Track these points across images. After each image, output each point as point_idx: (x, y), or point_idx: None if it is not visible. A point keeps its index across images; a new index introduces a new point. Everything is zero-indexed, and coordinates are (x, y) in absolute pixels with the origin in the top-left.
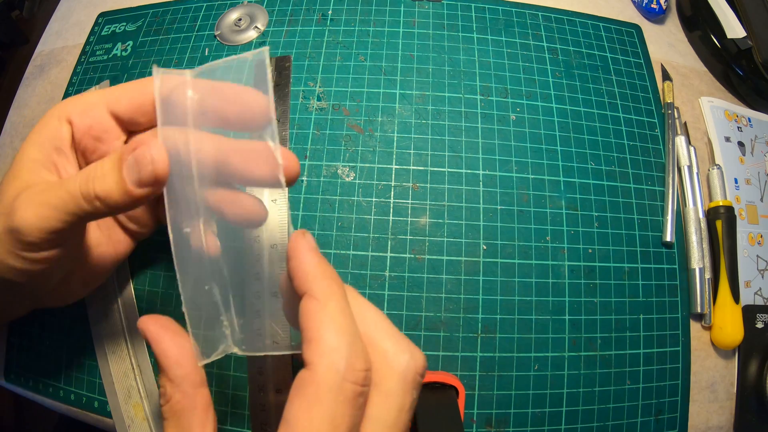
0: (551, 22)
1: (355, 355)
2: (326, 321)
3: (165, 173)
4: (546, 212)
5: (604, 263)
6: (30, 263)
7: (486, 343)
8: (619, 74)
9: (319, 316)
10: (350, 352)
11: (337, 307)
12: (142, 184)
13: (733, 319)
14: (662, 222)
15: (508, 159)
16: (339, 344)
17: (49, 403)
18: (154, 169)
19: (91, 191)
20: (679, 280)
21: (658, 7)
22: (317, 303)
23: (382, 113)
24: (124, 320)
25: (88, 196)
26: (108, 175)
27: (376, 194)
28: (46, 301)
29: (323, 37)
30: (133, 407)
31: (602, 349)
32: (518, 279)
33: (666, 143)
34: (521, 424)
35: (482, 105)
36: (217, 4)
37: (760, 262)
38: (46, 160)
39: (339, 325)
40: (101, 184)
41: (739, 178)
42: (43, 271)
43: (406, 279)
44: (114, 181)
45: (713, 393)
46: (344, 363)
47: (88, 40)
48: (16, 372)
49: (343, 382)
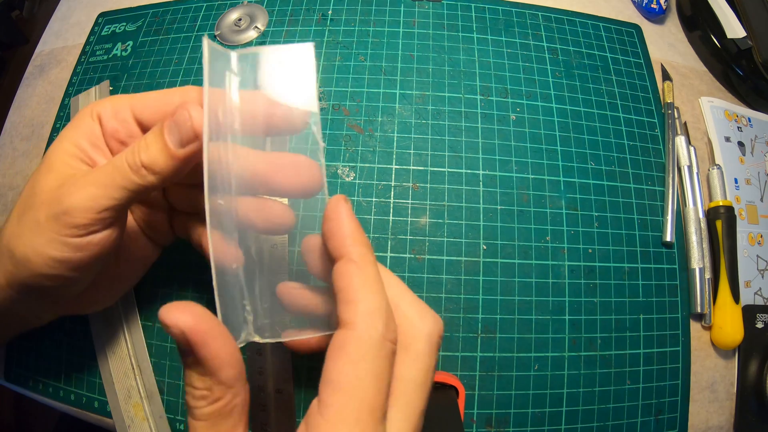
0: (551, 22)
1: (390, 317)
2: (366, 283)
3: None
4: (546, 212)
5: (604, 263)
6: (73, 250)
7: (486, 343)
8: (619, 74)
9: (359, 279)
10: (386, 313)
11: (374, 272)
12: (184, 142)
13: (733, 319)
14: (662, 222)
15: (508, 159)
16: (378, 306)
17: (49, 403)
18: (192, 124)
19: (138, 161)
20: (679, 280)
21: (658, 7)
22: (356, 266)
23: (382, 113)
24: (124, 320)
25: (135, 166)
26: (152, 144)
27: (376, 194)
28: (70, 308)
29: (323, 37)
30: (133, 407)
31: (602, 349)
32: (518, 279)
33: (666, 143)
34: (521, 424)
35: (482, 105)
36: (217, 4)
37: (760, 262)
38: (82, 154)
39: (376, 289)
40: (146, 152)
41: (739, 178)
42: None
43: (406, 279)
44: (158, 148)
45: (713, 393)
46: (383, 323)
47: (88, 40)
48: (16, 372)
49: (383, 340)
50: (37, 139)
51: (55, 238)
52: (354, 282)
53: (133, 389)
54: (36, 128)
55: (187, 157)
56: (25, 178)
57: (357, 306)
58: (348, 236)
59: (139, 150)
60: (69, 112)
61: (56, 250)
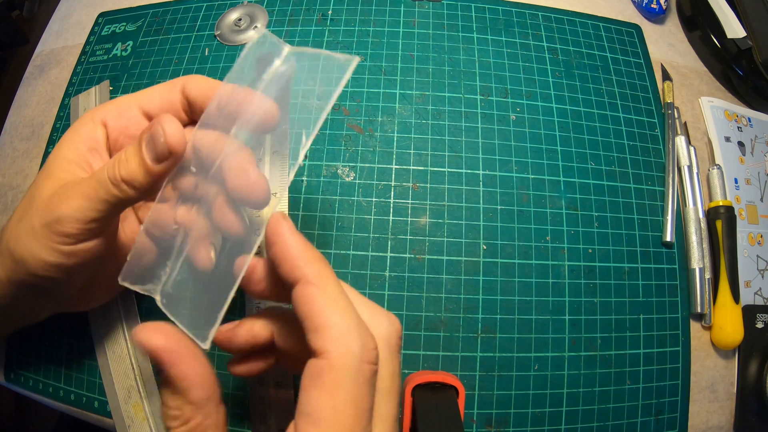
0: (551, 22)
1: (366, 336)
2: (330, 306)
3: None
4: (546, 212)
5: (604, 263)
6: (65, 257)
7: (486, 343)
8: (619, 74)
9: (321, 302)
10: (360, 334)
11: (336, 290)
12: (159, 158)
13: (733, 319)
14: (662, 222)
15: (508, 159)
16: (349, 327)
17: (49, 403)
18: (167, 140)
19: (117, 175)
20: (679, 280)
21: (658, 7)
22: (315, 288)
23: (382, 113)
24: (124, 320)
25: (115, 181)
26: (131, 158)
27: (376, 194)
28: (68, 305)
29: (323, 37)
30: (133, 407)
31: (602, 349)
32: (518, 279)
33: (666, 143)
34: (521, 424)
35: (482, 105)
36: (217, 4)
37: (760, 262)
38: (80, 159)
39: (343, 307)
40: (125, 167)
41: (739, 178)
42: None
43: (406, 279)
44: (136, 163)
45: (713, 393)
46: (359, 346)
47: (88, 40)
48: (16, 372)
49: (360, 364)
50: (37, 139)
51: (48, 244)
52: (317, 305)
53: (133, 389)
54: (36, 128)
55: (162, 173)
56: (25, 178)
57: (328, 332)
58: (298, 257)
59: (119, 164)
60: (69, 112)
61: (50, 256)
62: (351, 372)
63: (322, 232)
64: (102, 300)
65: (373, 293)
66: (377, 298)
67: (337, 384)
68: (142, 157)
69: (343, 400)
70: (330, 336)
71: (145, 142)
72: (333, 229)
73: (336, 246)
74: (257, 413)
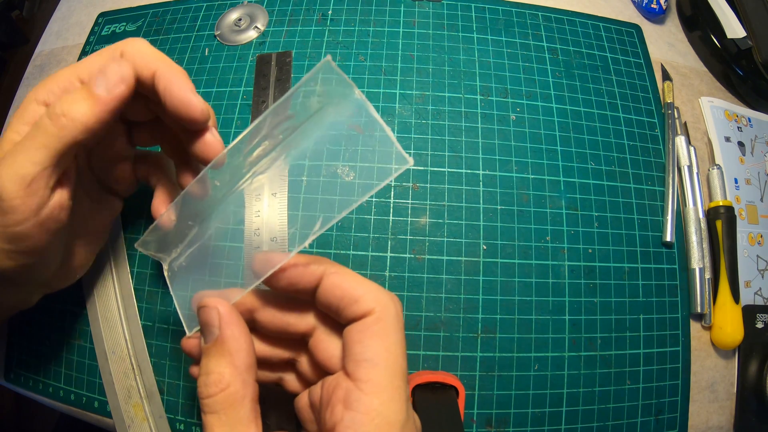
0: (551, 22)
1: (393, 295)
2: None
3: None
4: (546, 212)
5: (604, 263)
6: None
7: (486, 343)
8: (619, 74)
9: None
10: (389, 294)
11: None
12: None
13: (733, 319)
14: (662, 222)
15: (508, 159)
16: (380, 290)
17: (49, 403)
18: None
19: (57, 110)
20: (679, 280)
21: (658, 7)
22: (339, 274)
23: (382, 113)
24: (124, 320)
25: (53, 115)
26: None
27: (376, 194)
28: (54, 284)
29: (323, 37)
30: (133, 407)
31: (602, 349)
32: (518, 279)
33: (666, 143)
34: (521, 424)
35: (482, 105)
36: (217, 4)
37: (760, 262)
38: None
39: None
40: (67, 101)
41: (739, 178)
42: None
43: (406, 279)
44: (81, 96)
45: (713, 393)
46: (392, 302)
47: (88, 40)
48: (16, 372)
49: (397, 314)
50: None
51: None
52: (348, 284)
53: (133, 389)
54: None
55: (113, 101)
56: None
57: (366, 298)
58: (310, 263)
59: (61, 102)
60: None
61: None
62: (393, 321)
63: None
64: (86, 266)
65: None
66: None
67: (386, 331)
68: (89, 90)
69: (393, 342)
70: (369, 299)
71: (94, 80)
72: (333, 229)
73: (336, 246)
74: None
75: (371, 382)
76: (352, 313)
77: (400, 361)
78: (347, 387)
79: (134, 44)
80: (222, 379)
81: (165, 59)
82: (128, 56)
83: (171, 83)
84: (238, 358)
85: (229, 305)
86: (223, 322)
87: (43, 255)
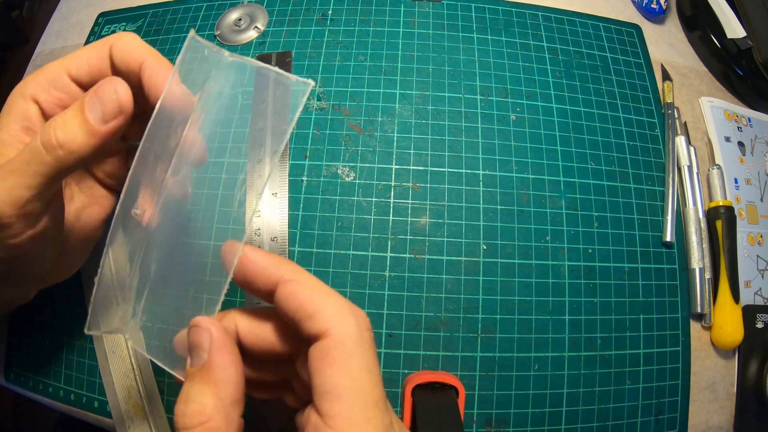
0: (551, 22)
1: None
2: (315, 292)
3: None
4: (546, 212)
5: (604, 263)
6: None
7: (486, 343)
8: (619, 74)
9: (306, 292)
10: (351, 307)
11: (313, 279)
12: (107, 118)
13: (733, 319)
14: (662, 222)
15: (508, 159)
16: (340, 304)
17: (49, 403)
18: (118, 98)
19: (53, 140)
20: (679, 280)
21: (658, 7)
22: (296, 283)
23: (382, 113)
24: None
25: (49, 146)
26: (70, 120)
27: (376, 194)
28: (50, 279)
29: (323, 37)
30: (133, 407)
31: (602, 349)
32: (518, 279)
33: (666, 143)
34: (521, 424)
35: (482, 105)
36: (217, 4)
37: (760, 262)
38: (14, 140)
39: (327, 291)
40: (63, 130)
41: (739, 178)
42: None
43: (406, 279)
44: (77, 124)
45: (713, 393)
46: (354, 317)
47: (88, 40)
48: (16, 372)
49: (361, 331)
50: None
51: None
52: (303, 296)
53: (133, 389)
54: None
55: (109, 134)
56: None
57: (322, 314)
58: (268, 264)
59: (55, 128)
60: None
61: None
62: (356, 341)
63: (322, 232)
64: (82, 260)
65: (373, 293)
66: (377, 298)
67: (347, 355)
68: (85, 118)
69: (358, 368)
70: (326, 316)
71: (89, 104)
72: (333, 229)
73: (336, 246)
74: (257, 413)
75: (338, 417)
76: (307, 330)
77: (368, 387)
78: (315, 423)
79: (124, 38)
80: (203, 411)
81: (153, 52)
82: (117, 49)
83: (156, 74)
84: (225, 390)
85: (224, 330)
86: (213, 347)
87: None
